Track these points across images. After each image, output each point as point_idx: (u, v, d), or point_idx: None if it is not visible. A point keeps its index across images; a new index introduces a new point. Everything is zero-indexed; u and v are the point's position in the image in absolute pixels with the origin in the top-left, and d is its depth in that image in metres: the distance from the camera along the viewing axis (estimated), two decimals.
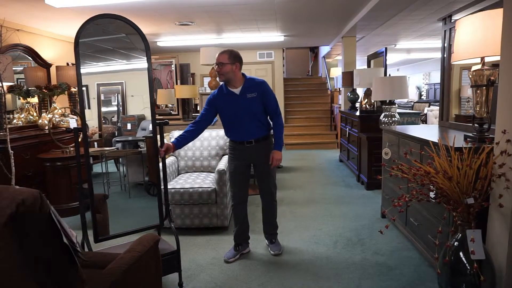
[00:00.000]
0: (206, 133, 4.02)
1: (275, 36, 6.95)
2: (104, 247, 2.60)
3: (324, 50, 10.24)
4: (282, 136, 2.85)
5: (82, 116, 2.44)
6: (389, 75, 5.65)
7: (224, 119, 2.86)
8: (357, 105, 6.07)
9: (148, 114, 6.47)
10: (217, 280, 2.60)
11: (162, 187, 2.54)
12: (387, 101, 4.13)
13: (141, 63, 2.61)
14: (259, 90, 2.75)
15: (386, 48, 5.33)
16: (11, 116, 4.42)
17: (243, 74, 2.77)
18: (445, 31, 3.31)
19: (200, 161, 4.01)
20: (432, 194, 2.15)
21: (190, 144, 3.55)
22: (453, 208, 2.04)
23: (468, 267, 1.94)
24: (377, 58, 5.93)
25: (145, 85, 2.56)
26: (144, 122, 6.41)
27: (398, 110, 4.47)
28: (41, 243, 1.20)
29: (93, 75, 6.17)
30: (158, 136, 2.52)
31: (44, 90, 4.57)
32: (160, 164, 2.59)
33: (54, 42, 5.54)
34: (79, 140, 2.37)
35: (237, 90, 2.75)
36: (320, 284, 2.50)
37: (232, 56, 2.69)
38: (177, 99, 6.86)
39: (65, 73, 4.98)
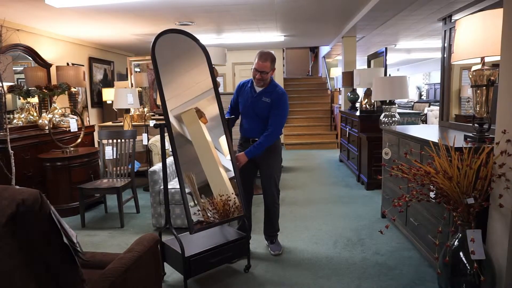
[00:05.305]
0: None
1: (275, 36, 6.94)
2: None
3: (324, 50, 10.24)
4: (259, 148, 2.76)
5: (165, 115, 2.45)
6: (389, 75, 5.64)
7: (240, 110, 2.96)
8: (357, 105, 6.07)
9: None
10: (217, 280, 2.60)
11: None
12: (387, 101, 4.13)
13: None
14: (273, 98, 2.79)
15: (386, 48, 5.33)
16: (11, 116, 4.42)
17: (271, 78, 2.83)
18: (445, 31, 3.31)
19: None
20: (432, 194, 2.15)
21: None
22: (453, 208, 2.03)
23: (468, 267, 1.94)
24: (377, 58, 5.93)
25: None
26: None
27: (398, 110, 4.47)
28: (41, 243, 1.20)
29: None
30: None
31: (44, 90, 4.57)
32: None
33: (54, 42, 5.54)
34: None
35: (258, 90, 2.83)
36: (320, 284, 2.50)
37: (273, 63, 2.76)
38: None
39: (65, 73, 4.98)
